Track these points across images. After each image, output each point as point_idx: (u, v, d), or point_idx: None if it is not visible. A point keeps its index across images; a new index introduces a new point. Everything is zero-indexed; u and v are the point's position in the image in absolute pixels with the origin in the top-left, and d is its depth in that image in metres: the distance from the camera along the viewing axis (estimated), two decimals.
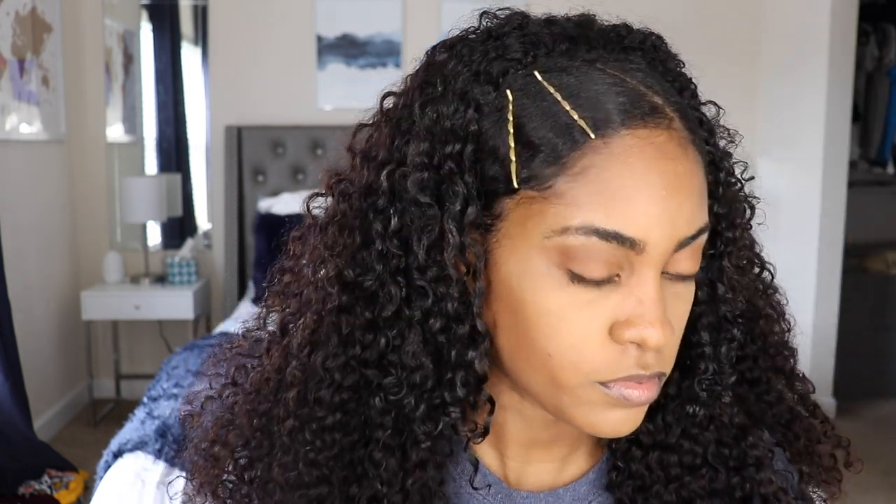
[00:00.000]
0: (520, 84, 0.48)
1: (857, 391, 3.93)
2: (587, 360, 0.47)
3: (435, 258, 0.49)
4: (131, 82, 3.85)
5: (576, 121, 0.45)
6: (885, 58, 4.18)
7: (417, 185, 0.49)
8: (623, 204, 0.44)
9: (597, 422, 0.49)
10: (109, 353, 3.76)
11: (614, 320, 0.46)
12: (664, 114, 0.47)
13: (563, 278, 0.46)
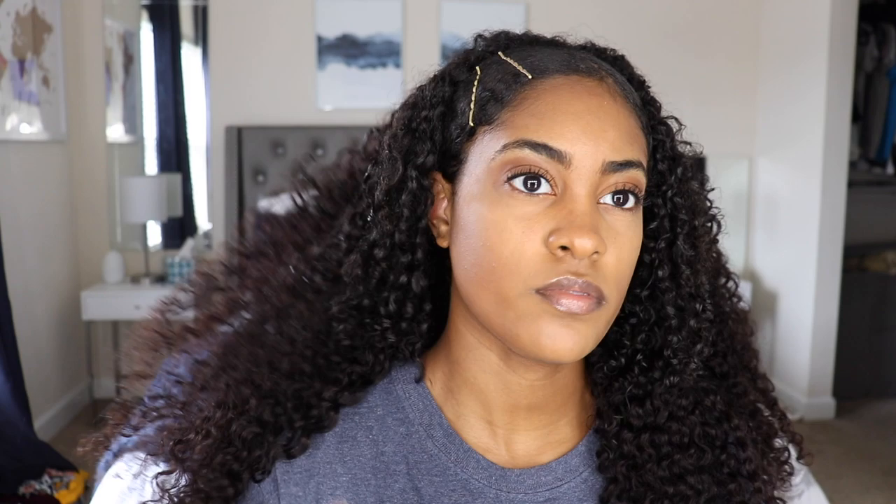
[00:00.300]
0: (488, 63, 0.59)
1: (857, 391, 3.93)
2: (525, 266, 0.53)
3: (390, 200, 0.59)
4: (131, 82, 3.85)
5: (520, 70, 0.56)
6: (884, 58, 4.18)
7: (392, 141, 0.60)
8: (550, 122, 0.53)
9: (538, 336, 0.53)
10: (110, 353, 3.76)
11: (549, 230, 0.53)
12: (599, 72, 0.56)
13: (508, 193, 0.54)
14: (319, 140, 3.72)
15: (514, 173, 0.53)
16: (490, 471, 0.61)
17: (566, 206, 0.53)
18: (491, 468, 0.61)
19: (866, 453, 3.33)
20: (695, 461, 0.62)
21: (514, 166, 0.53)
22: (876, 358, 4.01)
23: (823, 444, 3.40)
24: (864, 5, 3.75)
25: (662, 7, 3.96)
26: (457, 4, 3.72)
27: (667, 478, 0.61)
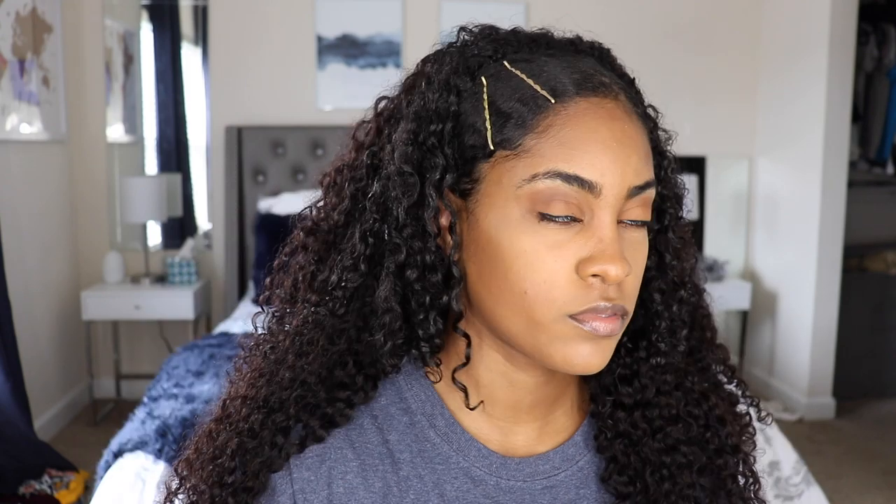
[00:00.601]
0: (492, 72, 0.58)
1: (857, 391, 3.93)
2: (558, 294, 0.54)
3: (413, 218, 0.59)
4: (131, 82, 3.85)
5: (538, 91, 0.55)
6: (884, 58, 4.18)
7: (402, 157, 0.59)
8: (580, 153, 0.54)
9: (570, 355, 0.56)
10: (110, 353, 3.76)
11: (579, 258, 0.54)
12: (612, 88, 0.57)
13: (535, 221, 0.55)
14: (319, 140, 3.72)
15: (545, 204, 0.54)
16: (490, 459, 0.63)
17: (595, 233, 0.54)
18: (491, 457, 0.63)
19: (866, 453, 3.33)
20: (685, 433, 0.65)
21: (545, 197, 0.54)
22: (876, 358, 4.01)
23: (823, 444, 3.40)
24: (864, 5, 3.75)
25: (662, 7, 3.96)
26: (457, 4, 3.72)
27: (662, 449, 0.64)
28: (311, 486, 0.61)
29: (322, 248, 0.65)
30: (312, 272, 0.65)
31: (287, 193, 3.61)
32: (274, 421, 0.62)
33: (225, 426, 0.63)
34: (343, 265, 0.62)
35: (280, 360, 0.64)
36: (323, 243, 0.65)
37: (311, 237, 0.66)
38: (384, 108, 0.65)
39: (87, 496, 2.51)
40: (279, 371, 0.63)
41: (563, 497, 0.64)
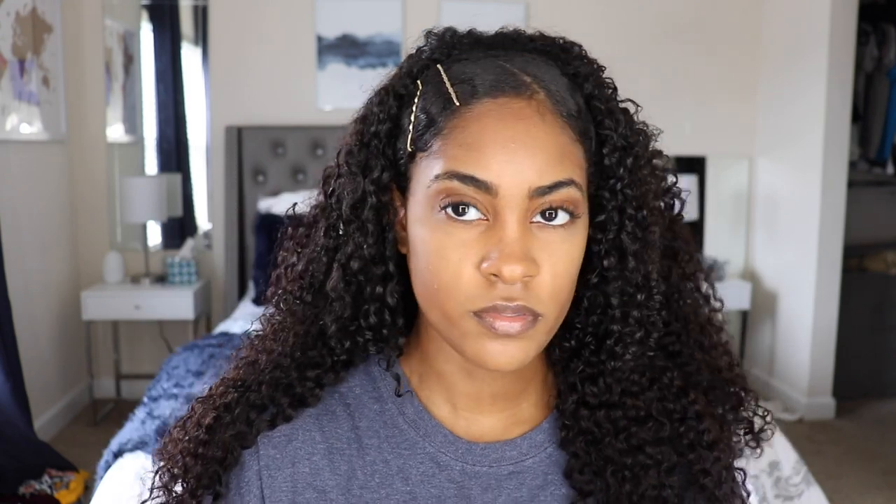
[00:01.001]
0: (428, 76, 0.60)
1: (857, 391, 3.93)
2: (462, 290, 0.56)
3: (357, 214, 0.62)
4: (131, 82, 3.85)
5: (450, 92, 0.57)
6: (884, 58, 4.18)
7: (347, 156, 0.63)
8: (476, 154, 0.55)
9: (480, 352, 0.57)
10: (110, 353, 3.76)
11: (481, 257, 0.55)
12: (529, 88, 0.57)
13: (444, 220, 0.56)
14: (319, 140, 3.72)
15: (446, 203, 0.56)
16: (456, 445, 0.65)
17: (497, 233, 0.55)
18: (458, 442, 0.65)
19: (866, 453, 3.33)
20: (653, 433, 0.65)
21: (445, 196, 0.56)
22: (876, 358, 4.01)
23: (823, 444, 3.40)
24: (864, 5, 3.74)
25: (662, 7, 3.96)
26: (457, 4, 3.72)
27: (625, 450, 0.64)
28: (276, 463, 0.64)
29: (303, 241, 0.68)
30: (292, 263, 0.68)
31: (287, 193, 3.60)
32: (248, 399, 0.65)
33: (204, 404, 0.67)
34: (309, 256, 0.66)
35: (260, 346, 0.68)
36: (304, 237, 0.68)
37: (295, 231, 0.70)
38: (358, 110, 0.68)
39: (87, 496, 2.51)
40: (259, 356, 0.67)
41: (531, 483, 0.65)
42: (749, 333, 4.10)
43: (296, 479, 0.63)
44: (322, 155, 3.72)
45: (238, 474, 0.64)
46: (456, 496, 0.64)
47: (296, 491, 0.63)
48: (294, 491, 0.63)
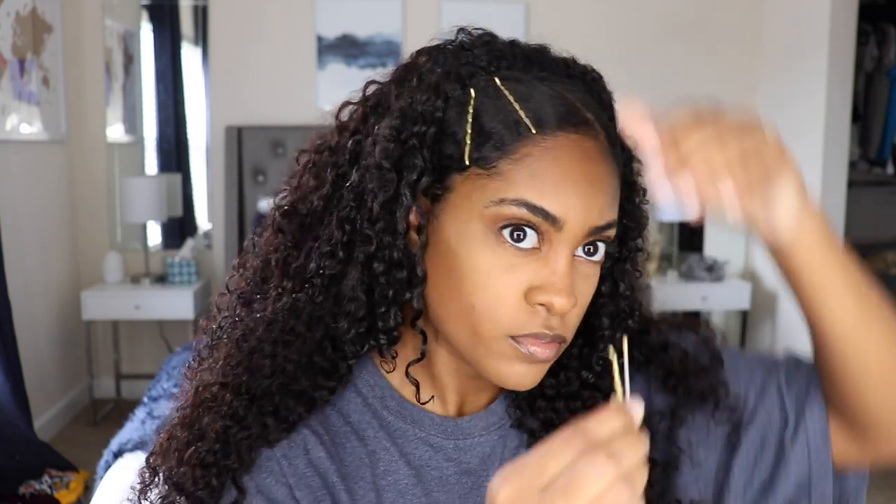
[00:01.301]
0: (482, 86, 0.59)
1: None
2: (504, 315, 0.56)
3: (386, 213, 0.59)
4: (131, 82, 3.85)
5: (522, 118, 0.56)
6: (884, 58, 4.18)
7: (383, 152, 0.59)
8: (551, 187, 0.55)
9: (504, 372, 0.58)
10: (110, 353, 3.76)
11: (530, 285, 0.56)
12: (593, 127, 0.58)
13: (495, 242, 0.56)
14: None
15: (506, 224, 0.56)
16: (444, 425, 0.65)
17: (549, 264, 0.56)
18: (445, 422, 0.65)
19: None
20: None
21: (508, 220, 0.55)
22: None
23: None
24: (864, 5, 3.74)
25: (663, 7, 3.96)
26: (457, 4, 3.72)
27: None
28: (293, 451, 0.62)
29: (297, 232, 0.64)
30: (286, 258, 0.64)
31: None
32: (260, 406, 0.61)
33: (203, 411, 0.62)
34: (321, 251, 0.62)
35: (256, 349, 0.63)
36: (299, 227, 0.64)
37: (287, 220, 0.65)
38: (372, 95, 0.64)
39: (87, 496, 2.51)
40: (256, 359, 0.62)
41: (516, 440, 0.67)
42: (749, 333, 4.09)
43: (315, 464, 0.62)
44: None
45: (257, 472, 0.61)
46: (457, 472, 0.65)
47: (318, 474, 0.62)
48: (317, 474, 0.62)
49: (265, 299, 0.65)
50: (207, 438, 0.61)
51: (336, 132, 0.65)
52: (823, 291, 0.61)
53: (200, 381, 0.65)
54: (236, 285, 0.68)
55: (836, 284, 0.61)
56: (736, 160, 0.54)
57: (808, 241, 0.58)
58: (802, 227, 0.58)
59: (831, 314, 0.61)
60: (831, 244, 0.60)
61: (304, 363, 0.62)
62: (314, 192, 0.64)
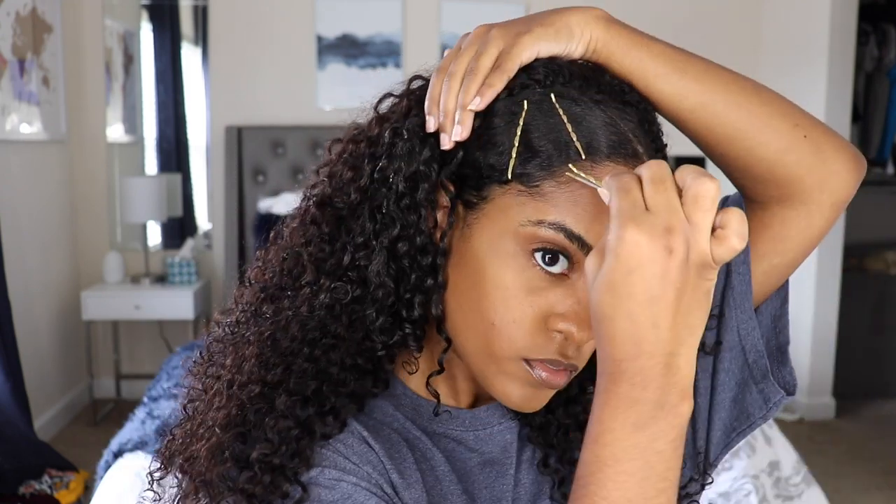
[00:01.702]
0: (536, 99, 0.57)
1: (857, 391, 3.93)
2: (520, 336, 0.55)
3: (411, 189, 0.57)
4: (131, 82, 3.85)
5: (573, 141, 0.55)
6: (884, 58, 4.18)
7: (415, 130, 0.58)
8: (591, 216, 0.54)
9: (511, 393, 0.58)
10: (110, 353, 3.76)
11: (552, 311, 0.55)
12: (642, 160, 0.56)
13: (525, 262, 0.55)
14: (319, 140, 3.72)
15: (539, 248, 0.54)
16: (462, 417, 0.64)
17: (575, 293, 0.55)
18: (462, 414, 0.64)
19: (866, 453, 3.33)
20: None
21: (543, 243, 0.54)
22: (876, 358, 4.01)
23: (823, 444, 3.40)
24: (864, 5, 3.74)
25: (662, 8, 3.96)
26: (457, 4, 3.72)
27: None
28: (347, 438, 0.58)
29: (333, 225, 0.60)
30: (319, 252, 0.60)
31: (287, 193, 3.60)
32: (317, 407, 0.57)
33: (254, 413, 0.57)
34: (355, 243, 0.59)
35: (294, 351, 0.59)
36: (335, 219, 0.60)
37: (321, 211, 0.61)
38: (418, 88, 0.62)
39: (87, 496, 2.51)
40: (297, 362, 0.58)
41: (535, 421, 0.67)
42: None
43: (369, 444, 0.58)
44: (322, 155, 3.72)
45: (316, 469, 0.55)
46: (480, 463, 0.64)
47: (374, 451, 0.58)
48: (373, 451, 0.58)
49: (296, 296, 0.60)
50: (271, 441, 0.55)
51: (375, 123, 0.62)
52: (652, 80, 0.60)
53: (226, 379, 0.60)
54: (257, 278, 0.64)
55: (658, 70, 0.59)
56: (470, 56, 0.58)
57: (609, 51, 0.59)
58: (600, 41, 0.58)
59: (668, 97, 0.60)
60: (635, 42, 0.59)
61: (348, 365, 0.59)
62: (350, 183, 0.60)
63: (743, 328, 0.67)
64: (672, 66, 0.60)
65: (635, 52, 0.59)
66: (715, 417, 0.67)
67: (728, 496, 1.87)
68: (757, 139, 0.62)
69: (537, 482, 0.65)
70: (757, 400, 0.67)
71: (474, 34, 0.60)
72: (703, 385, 0.67)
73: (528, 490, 0.65)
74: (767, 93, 0.63)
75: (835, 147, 0.63)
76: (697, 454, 0.68)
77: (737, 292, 0.67)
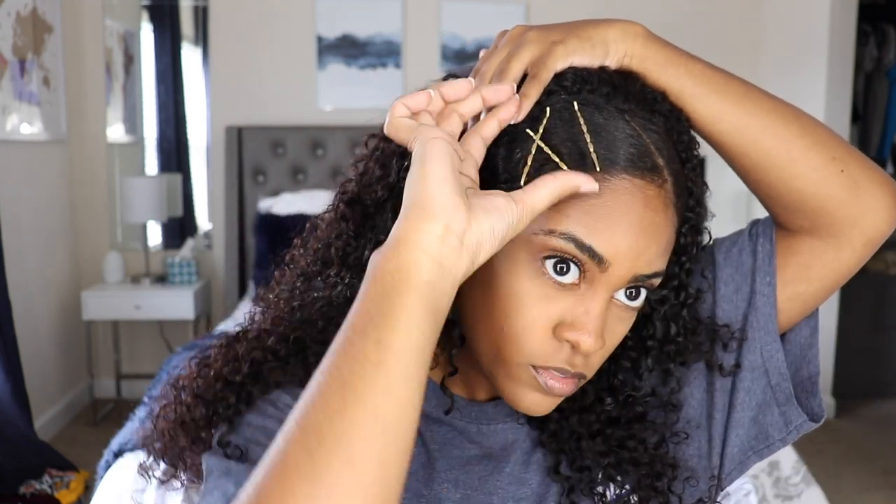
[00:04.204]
0: (559, 107, 0.56)
1: (857, 391, 3.94)
2: (529, 343, 0.56)
3: None
4: (132, 82, 3.86)
5: (591, 152, 0.54)
6: (884, 58, 4.18)
7: None
8: (603, 228, 0.54)
9: (519, 397, 0.58)
10: (110, 353, 3.76)
11: (561, 320, 0.56)
12: (661, 175, 0.56)
13: (536, 271, 0.55)
14: (319, 140, 3.72)
15: (549, 257, 0.55)
16: (469, 409, 0.65)
17: (584, 303, 0.55)
18: (469, 406, 0.65)
19: (866, 453, 3.33)
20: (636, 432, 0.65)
21: (553, 252, 0.55)
22: (876, 358, 4.01)
23: (823, 444, 3.40)
24: (864, 5, 3.75)
25: (662, 8, 3.96)
26: (457, 4, 3.72)
27: (604, 451, 0.64)
28: None
29: (360, 221, 0.62)
30: (346, 246, 0.63)
31: (287, 193, 3.60)
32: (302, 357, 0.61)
33: (244, 343, 0.63)
34: (377, 240, 0.61)
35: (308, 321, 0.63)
36: (362, 216, 0.62)
37: (350, 208, 0.63)
38: None
39: (88, 496, 2.51)
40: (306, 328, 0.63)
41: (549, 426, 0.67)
42: None
43: None
44: (322, 155, 3.72)
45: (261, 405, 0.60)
46: (479, 455, 0.65)
47: None
48: None
49: (325, 283, 0.64)
50: (242, 361, 0.61)
51: None
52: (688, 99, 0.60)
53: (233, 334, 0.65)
54: (296, 263, 0.67)
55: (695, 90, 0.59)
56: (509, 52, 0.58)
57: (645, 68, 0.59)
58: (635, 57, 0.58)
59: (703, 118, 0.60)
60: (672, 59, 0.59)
61: None
62: (379, 181, 0.61)
63: (766, 350, 0.66)
64: (710, 86, 0.60)
65: (672, 69, 0.59)
66: (731, 434, 0.67)
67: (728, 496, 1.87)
68: (791, 169, 0.61)
69: (545, 484, 0.65)
70: (778, 422, 0.67)
71: (510, 35, 0.60)
72: (720, 401, 0.67)
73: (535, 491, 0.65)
74: (808, 122, 0.61)
75: (873, 184, 0.62)
76: (712, 468, 0.68)
77: (761, 314, 0.66)
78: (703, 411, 0.68)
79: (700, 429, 0.67)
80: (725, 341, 0.66)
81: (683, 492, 0.65)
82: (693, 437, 0.67)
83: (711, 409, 0.67)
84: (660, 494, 0.64)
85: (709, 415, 0.67)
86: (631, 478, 0.64)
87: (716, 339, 0.66)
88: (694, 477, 0.66)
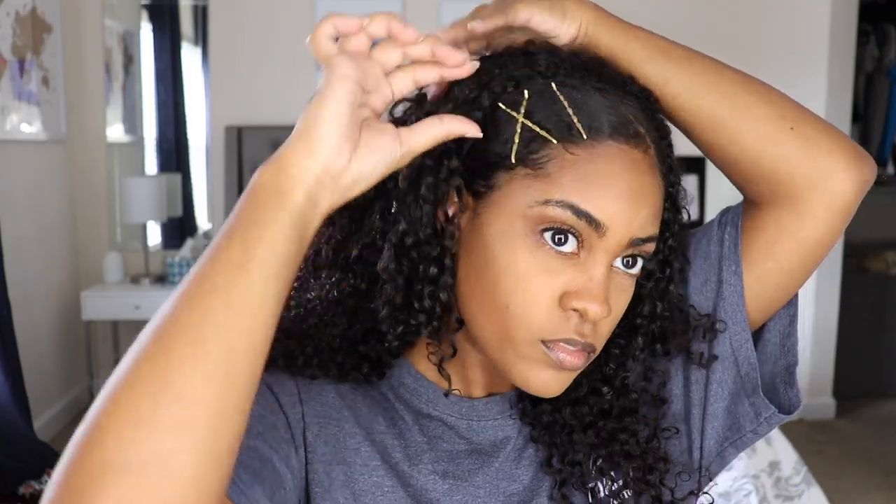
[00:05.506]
0: (538, 89, 0.58)
1: (857, 391, 3.94)
2: (537, 317, 0.56)
3: (414, 187, 0.59)
4: (131, 82, 3.85)
5: (576, 122, 0.56)
6: (885, 58, 4.18)
7: None
8: (597, 192, 0.55)
9: (531, 377, 0.58)
10: (110, 354, 3.76)
11: (566, 290, 0.56)
12: (645, 140, 0.58)
13: (534, 244, 0.56)
14: None
15: (548, 227, 0.56)
16: (460, 405, 0.65)
17: (587, 270, 0.56)
18: (461, 402, 0.65)
19: (866, 453, 3.33)
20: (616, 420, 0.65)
21: (551, 222, 0.55)
22: (876, 358, 4.01)
23: (823, 444, 3.40)
24: (864, 5, 3.74)
25: (662, 8, 3.96)
26: (457, 4, 3.72)
27: (596, 443, 0.65)
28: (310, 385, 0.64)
29: (347, 224, 0.64)
30: (335, 249, 0.65)
31: None
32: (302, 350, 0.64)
33: None
34: (363, 241, 0.63)
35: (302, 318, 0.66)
36: (349, 219, 0.64)
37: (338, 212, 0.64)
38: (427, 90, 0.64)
39: None
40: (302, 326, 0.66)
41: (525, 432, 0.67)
42: None
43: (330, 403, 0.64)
44: None
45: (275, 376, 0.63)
46: (468, 450, 0.65)
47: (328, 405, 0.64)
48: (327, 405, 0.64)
49: (318, 288, 0.66)
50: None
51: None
52: (636, 62, 0.62)
53: None
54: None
55: (643, 53, 0.62)
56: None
57: (597, 35, 0.62)
58: (590, 24, 0.61)
59: (653, 81, 0.62)
60: (620, 26, 0.63)
61: (346, 348, 0.64)
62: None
63: (735, 340, 0.66)
64: (655, 49, 0.62)
65: (622, 36, 0.62)
66: (708, 427, 0.68)
67: (728, 496, 1.87)
68: (737, 127, 0.62)
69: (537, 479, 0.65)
70: (748, 413, 0.67)
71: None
72: (696, 396, 0.68)
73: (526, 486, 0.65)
74: (755, 83, 0.63)
75: (830, 143, 0.62)
76: (693, 462, 0.68)
77: (728, 303, 0.66)
78: (682, 407, 0.68)
79: (680, 424, 0.68)
80: (705, 329, 0.67)
81: (676, 486, 0.65)
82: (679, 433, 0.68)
83: (689, 405, 0.68)
84: (652, 488, 0.64)
85: (687, 410, 0.68)
86: (623, 471, 0.64)
87: (697, 327, 0.67)
88: (686, 471, 0.66)
